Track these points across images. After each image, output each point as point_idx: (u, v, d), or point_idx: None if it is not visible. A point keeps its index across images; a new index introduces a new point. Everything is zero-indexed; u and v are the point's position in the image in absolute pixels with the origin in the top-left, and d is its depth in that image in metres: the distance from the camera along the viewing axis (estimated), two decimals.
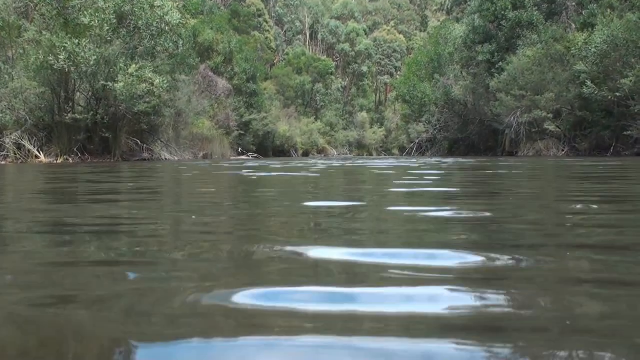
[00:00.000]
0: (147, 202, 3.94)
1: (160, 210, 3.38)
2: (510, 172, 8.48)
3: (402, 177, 7.23)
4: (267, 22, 63.96)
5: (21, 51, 21.19)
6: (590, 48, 24.90)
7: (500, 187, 5.36)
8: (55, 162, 19.38)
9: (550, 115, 27.81)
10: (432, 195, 4.48)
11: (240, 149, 37.44)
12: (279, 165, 13.90)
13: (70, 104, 21.03)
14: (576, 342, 0.97)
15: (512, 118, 29.39)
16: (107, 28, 20.50)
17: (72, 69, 19.39)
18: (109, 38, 20.62)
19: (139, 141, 23.53)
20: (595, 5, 28.40)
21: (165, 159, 24.08)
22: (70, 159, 20.08)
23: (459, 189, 5.16)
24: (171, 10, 22.51)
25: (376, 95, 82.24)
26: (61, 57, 18.80)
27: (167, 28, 22.55)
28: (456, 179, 6.95)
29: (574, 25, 30.48)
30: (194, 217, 2.88)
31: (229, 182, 6.68)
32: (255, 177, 7.69)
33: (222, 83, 37.90)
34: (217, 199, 4.38)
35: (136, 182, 6.84)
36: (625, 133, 24.22)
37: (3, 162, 18.50)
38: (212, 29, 39.30)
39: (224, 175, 8.56)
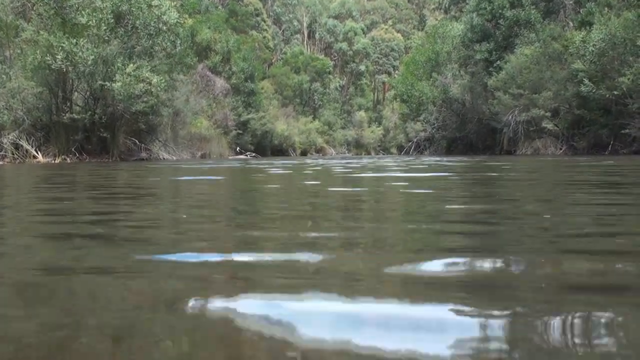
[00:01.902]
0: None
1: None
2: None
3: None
4: (264, 21, 63.88)
5: (19, 51, 21.14)
6: (588, 46, 24.90)
7: None
8: (53, 162, 19.33)
9: (548, 114, 27.84)
10: None
11: (238, 148, 37.41)
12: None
13: (68, 104, 20.98)
14: None
15: (510, 116, 29.42)
16: (105, 27, 20.45)
17: (70, 68, 19.33)
18: (107, 38, 20.57)
19: (137, 141, 23.49)
20: (592, 3, 28.41)
21: (163, 158, 24.03)
22: (68, 159, 20.03)
23: None
24: (169, 9, 22.48)
25: (374, 94, 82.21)
26: (59, 56, 18.74)
27: (164, 27, 22.51)
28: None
29: (571, 24, 30.52)
30: (184, 216, 2.79)
31: None
32: None
33: (219, 82, 37.87)
34: None
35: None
36: (623, 131, 24.24)
37: (1, 162, 18.45)
38: (209, 28, 39.26)
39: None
